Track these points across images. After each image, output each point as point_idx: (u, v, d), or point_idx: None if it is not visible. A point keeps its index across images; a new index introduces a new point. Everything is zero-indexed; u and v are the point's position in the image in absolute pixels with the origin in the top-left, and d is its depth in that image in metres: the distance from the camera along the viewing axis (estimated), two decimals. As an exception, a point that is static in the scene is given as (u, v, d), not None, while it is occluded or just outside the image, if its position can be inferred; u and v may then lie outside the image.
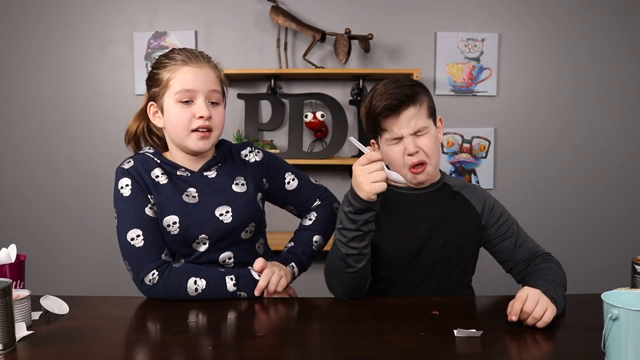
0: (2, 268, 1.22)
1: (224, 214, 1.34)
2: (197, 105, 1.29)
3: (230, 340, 1.09)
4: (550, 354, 1.03)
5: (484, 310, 1.31)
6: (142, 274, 1.29)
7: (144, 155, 1.37)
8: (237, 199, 1.36)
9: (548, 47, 2.68)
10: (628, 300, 0.94)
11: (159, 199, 1.32)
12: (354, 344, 1.04)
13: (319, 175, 2.68)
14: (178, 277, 1.28)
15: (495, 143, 2.72)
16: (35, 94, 2.69)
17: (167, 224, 1.30)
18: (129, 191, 1.31)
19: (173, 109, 1.30)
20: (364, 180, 1.17)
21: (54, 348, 1.02)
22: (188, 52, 1.33)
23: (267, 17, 2.61)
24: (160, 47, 2.65)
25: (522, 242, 1.42)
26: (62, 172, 2.73)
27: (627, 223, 2.75)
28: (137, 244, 1.28)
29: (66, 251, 2.75)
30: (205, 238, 1.33)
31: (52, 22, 2.65)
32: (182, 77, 1.29)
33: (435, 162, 1.40)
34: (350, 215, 1.22)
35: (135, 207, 1.30)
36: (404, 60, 2.67)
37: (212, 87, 1.32)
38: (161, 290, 1.28)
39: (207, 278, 1.29)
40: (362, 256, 1.26)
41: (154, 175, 1.33)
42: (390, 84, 1.37)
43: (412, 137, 1.35)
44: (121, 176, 1.33)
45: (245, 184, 1.40)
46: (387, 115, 1.35)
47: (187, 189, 1.34)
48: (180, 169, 1.36)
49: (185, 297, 1.28)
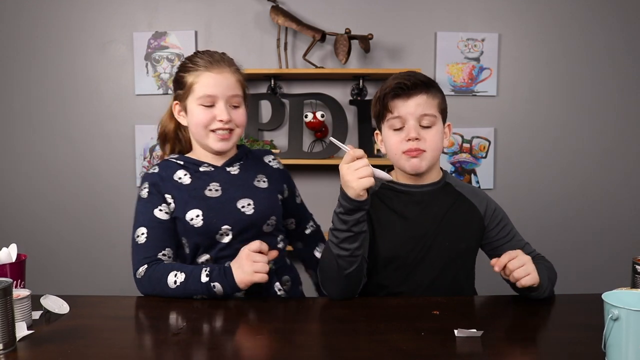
0: (2, 268, 1.22)
1: (246, 206, 1.40)
2: (218, 109, 1.38)
3: (230, 340, 1.09)
4: (550, 354, 1.03)
5: (484, 310, 1.31)
6: (135, 268, 1.36)
7: (168, 161, 1.46)
8: (258, 193, 1.44)
9: (548, 47, 2.68)
10: (628, 301, 0.94)
11: (180, 198, 1.39)
12: (353, 344, 1.04)
13: (319, 175, 2.68)
14: (162, 270, 1.33)
15: (495, 143, 2.73)
16: (35, 94, 2.69)
17: (190, 218, 1.37)
18: (146, 194, 1.40)
19: (195, 110, 1.39)
20: (351, 178, 1.17)
21: (54, 348, 1.02)
22: (210, 56, 1.41)
23: (267, 17, 2.61)
24: (160, 47, 2.65)
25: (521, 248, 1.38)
26: (62, 171, 2.73)
27: (627, 223, 2.75)
28: (140, 240, 1.36)
29: (66, 251, 2.74)
30: (228, 229, 1.38)
31: (52, 22, 2.65)
32: (204, 82, 1.38)
33: (435, 155, 1.37)
34: (341, 216, 1.22)
35: (147, 208, 1.39)
36: (404, 60, 2.67)
37: (232, 92, 1.40)
38: (147, 283, 1.33)
39: (186, 272, 1.32)
40: (355, 258, 1.25)
41: (177, 177, 1.42)
42: (408, 72, 1.38)
43: (417, 125, 1.33)
44: (144, 180, 1.43)
45: (266, 182, 1.48)
46: (396, 95, 1.33)
47: (210, 183, 1.41)
48: (204, 164, 1.44)
49: (166, 291, 1.30)
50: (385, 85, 1.37)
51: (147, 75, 2.67)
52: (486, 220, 1.42)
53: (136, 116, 2.69)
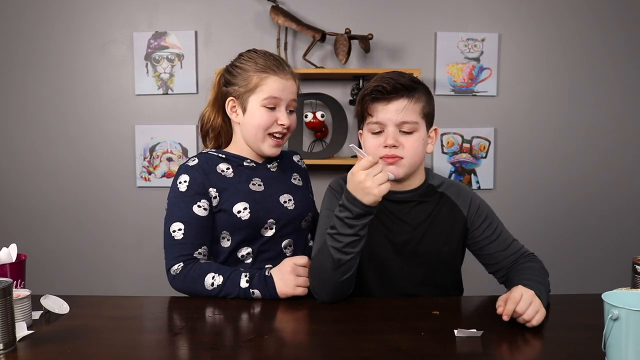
0: (2, 267, 1.22)
1: (287, 201, 1.46)
2: (280, 113, 1.42)
3: (230, 340, 1.09)
4: (550, 354, 1.03)
5: (484, 310, 1.31)
6: (170, 263, 1.36)
7: (207, 154, 1.47)
8: (296, 190, 1.50)
9: (548, 47, 2.68)
10: (628, 301, 0.94)
11: (226, 190, 1.40)
12: (354, 344, 1.04)
13: (319, 175, 2.68)
14: (199, 271, 1.33)
15: (495, 143, 2.72)
16: (35, 94, 2.69)
17: (238, 210, 1.39)
18: (185, 187, 1.39)
19: (258, 111, 1.41)
20: (371, 185, 1.15)
21: (54, 348, 1.02)
22: (277, 60, 1.44)
23: (267, 17, 2.61)
24: (160, 47, 2.65)
25: (508, 245, 1.38)
26: (62, 171, 2.73)
27: (627, 223, 2.75)
28: (177, 236, 1.36)
29: (67, 251, 2.74)
30: (273, 223, 1.42)
31: (52, 22, 2.65)
32: (272, 85, 1.40)
33: (414, 162, 1.31)
34: (347, 221, 1.20)
35: (185, 203, 1.38)
36: (404, 60, 2.67)
37: (293, 97, 1.44)
38: (181, 282, 1.34)
39: (224, 274, 1.32)
40: (355, 261, 1.24)
41: (220, 170, 1.43)
42: (392, 73, 1.32)
43: (396, 130, 1.27)
44: (183, 172, 1.41)
45: (300, 180, 1.56)
46: (376, 99, 1.28)
47: (253, 179, 1.45)
48: (247, 160, 1.47)
49: (202, 292, 1.32)
50: (367, 85, 1.32)
51: (147, 75, 2.67)
52: (469, 221, 1.38)
53: (136, 116, 2.70)
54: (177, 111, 2.68)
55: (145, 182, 2.69)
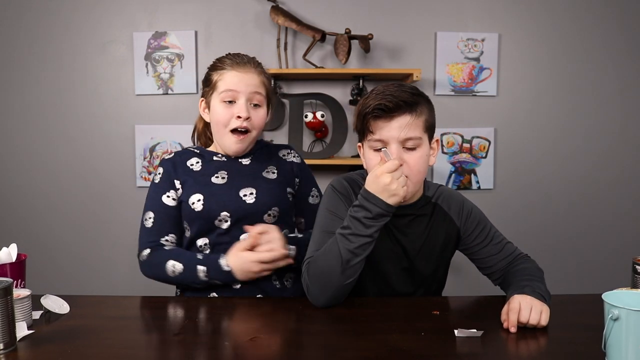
0: (2, 267, 1.22)
1: (248, 195, 1.45)
2: (238, 106, 1.43)
3: (230, 340, 1.09)
4: (550, 354, 1.03)
5: (484, 310, 1.31)
6: (139, 250, 1.44)
7: (187, 149, 1.54)
8: (263, 183, 1.48)
9: (548, 47, 2.68)
10: (629, 301, 0.94)
11: (188, 182, 1.45)
12: (354, 344, 1.04)
13: (319, 176, 2.68)
14: (160, 257, 1.40)
15: (495, 143, 2.73)
16: (35, 94, 2.69)
17: (192, 202, 1.43)
18: (158, 179, 1.48)
19: (217, 107, 1.45)
20: (397, 186, 1.18)
21: (54, 348, 1.02)
22: (238, 57, 1.47)
23: (267, 17, 2.61)
24: (160, 47, 2.65)
25: (501, 248, 1.38)
26: (62, 171, 2.72)
27: (627, 223, 2.76)
28: (147, 224, 1.45)
29: (67, 251, 2.74)
30: (227, 216, 1.42)
31: (52, 22, 2.65)
32: (227, 79, 1.43)
33: (418, 181, 1.29)
34: (365, 221, 1.20)
35: (156, 193, 1.47)
36: (404, 60, 2.67)
37: (254, 90, 1.44)
38: (148, 267, 1.42)
39: (183, 263, 1.38)
40: (361, 265, 1.24)
41: (189, 164, 1.49)
42: (392, 86, 1.26)
43: (399, 147, 1.23)
44: (159, 165, 1.51)
45: (275, 173, 1.51)
46: (378, 117, 1.23)
47: (219, 172, 1.47)
48: (217, 155, 1.51)
49: (166, 278, 1.40)
50: (367, 101, 1.25)
51: (147, 75, 2.67)
52: (462, 230, 1.39)
53: (136, 116, 2.69)
54: (177, 111, 2.68)
55: (145, 182, 2.69)
